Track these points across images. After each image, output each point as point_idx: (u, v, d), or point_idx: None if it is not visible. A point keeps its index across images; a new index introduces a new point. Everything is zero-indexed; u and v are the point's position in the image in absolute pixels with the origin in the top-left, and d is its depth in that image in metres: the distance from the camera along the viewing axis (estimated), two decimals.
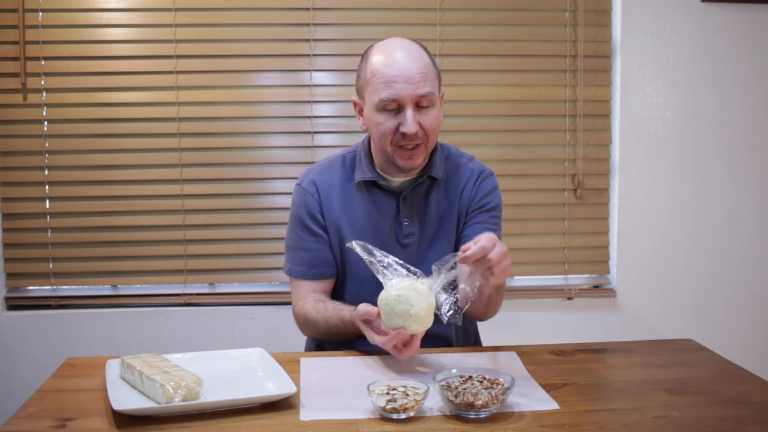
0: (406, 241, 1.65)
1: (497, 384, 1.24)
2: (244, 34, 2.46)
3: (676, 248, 2.60)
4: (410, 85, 1.51)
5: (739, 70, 2.56)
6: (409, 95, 1.52)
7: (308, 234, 1.67)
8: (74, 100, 2.44)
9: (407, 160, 1.57)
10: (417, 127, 1.53)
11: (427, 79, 1.53)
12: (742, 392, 1.31)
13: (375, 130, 1.58)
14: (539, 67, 2.54)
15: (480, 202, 1.68)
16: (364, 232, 1.65)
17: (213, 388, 1.28)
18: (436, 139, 1.62)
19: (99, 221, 2.47)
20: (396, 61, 1.53)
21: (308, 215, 1.67)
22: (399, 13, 2.50)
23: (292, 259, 1.70)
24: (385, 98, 1.53)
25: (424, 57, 1.57)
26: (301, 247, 1.68)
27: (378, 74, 1.54)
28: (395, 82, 1.52)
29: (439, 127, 1.60)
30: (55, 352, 2.45)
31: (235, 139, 2.49)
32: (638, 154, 2.56)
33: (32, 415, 1.22)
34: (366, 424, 1.17)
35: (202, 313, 2.51)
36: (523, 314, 2.56)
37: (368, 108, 1.59)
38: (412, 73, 1.52)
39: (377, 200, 1.66)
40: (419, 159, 1.58)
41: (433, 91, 1.55)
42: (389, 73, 1.52)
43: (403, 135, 1.53)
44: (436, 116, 1.57)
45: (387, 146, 1.57)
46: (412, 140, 1.54)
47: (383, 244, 1.64)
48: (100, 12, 2.41)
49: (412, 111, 1.53)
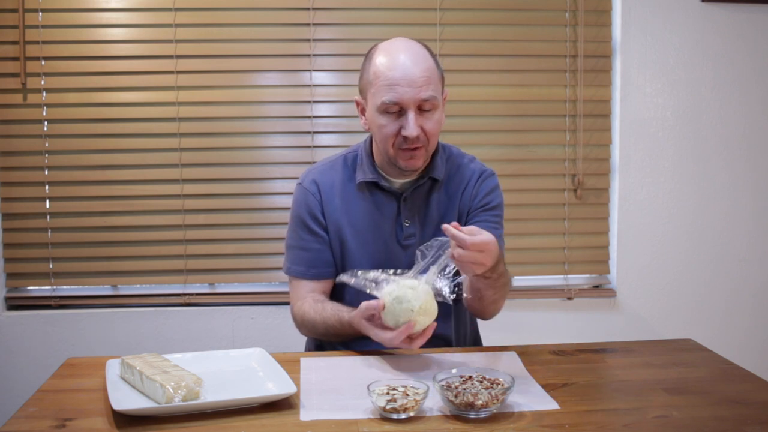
0: (406, 242, 1.65)
1: (497, 384, 1.24)
2: (244, 34, 2.46)
3: (676, 248, 2.60)
4: (413, 89, 1.51)
5: (739, 70, 2.56)
6: (412, 99, 1.51)
7: (308, 234, 1.67)
8: (74, 100, 2.44)
9: (408, 161, 1.57)
10: (418, 131, 1.53)
11: (430, 83, 1.53)
12: (742, 392, 1.31)
13: (377, 132, 1.58)
14: (539, 67, 2.54)
15: (481, 201, 1.68)
16: (365, 232, 1.65)
17: (213, 388, 1.28)
18: (437, 141, 1.62)
19: (99, 221, 2.47)
20: (399, 63, 1.52)
21: (309, 215, 1.67)
22: (399, 13, 2.50)
23: (292, 258, 1.70)
24: (387, 101, 1.52)
25: (428, 59, 1.56)
26: (301, 246, 1.68)
27: (381, 76, 1.53)
28: (398, 86, 1.51)
29: (440, 129, 1.59)
30: (55, 352, 2.45)
31: (235, 139, 2.49)
32: (638, 154, 2.56)
33: (32, 415, 1.22)
34: (366, 424, 1.17)
35: (202, 313, 2.51)
36: (523, 314, 2.56)
37: (370, 109, 1.58)
38: (416, 77, 1.51)
39: (378, 201, 1.66)
40: (420, 160, 1.58)
41: (436, 95, 1.54)
42: (392, 76, 1.52)
43: (404, 138, 1.53)
44: (438, 119, 1.57)
45: (389, 148, 1.57)
46: (413, 143, 1.54)
47: (384, 245, 1.64)
48: (100, 12, 2.41)
49: (414, 114, 1.52)
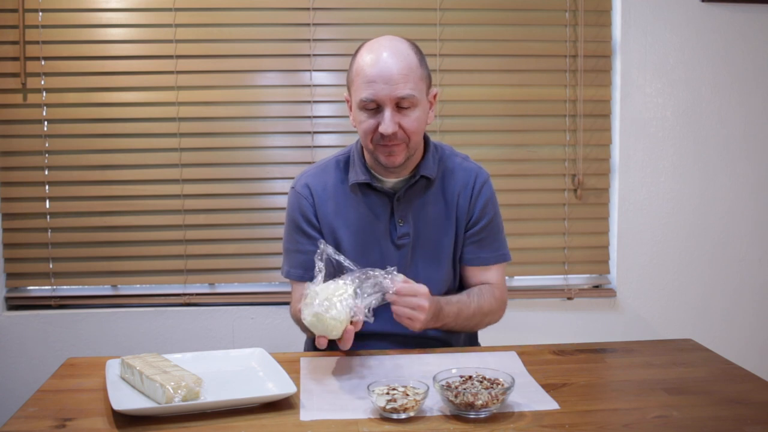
0: (400, 242, 1.65)
1: (497, 384, 1.24)
2: (244, 34, 2.46)
3: (676, 248, 2.60)
4: (389, 86, 1.52)
5: (739, 70, 2.56)
6: (388, 96, 1.53)
7: (303, 237, 1.68)
8: (74, 100, 2.44)
9: (388, 157, 1.58)
10: (395, 128, 1.54)
11: (408, 81, 1.53)
12: (742, 392, 1.31)
13: (358, 128, 1.60)
14: (539, 67, 2.54)
15: (479, 216, 1.68)
16: (359, 233, 1.65)
17: (213, 388, 1.28)
18: (420, 139, 1.63)
19: (99, 221, 2.47)
20: (380, 61, 1.54)
21: (303, 218, 1.68)
22: (399, 13, 2.50)
23: (289, 261, 1.72)
24: (364, 98, 1.54)
25: (411, 58, 1.56)
26: (296, 249, 1.69)
27: (361, 73, 1.55)
28: (375, 83, 1.53)
29: (422, 128, 1.60)
30: (55, 352, 2.45)
31: (235, 139, 2.49)
32: (638, 154, 2.56)
33: (32, 415, 1.22)
34: (366, 424, 1.17)
35: (202, 313, 2.51)
36: (523, 314, 2.56)
37: (354, 105, 1.61)
38: (393, 74, 1.52)
39: (371, 202, 1.66)
40: (399, 157, 1.58)
41: (415, 93, 1.54)
42: (370, 74, 1.53)
43: (381, 135, 1.54)
44: (418, 117, 1.57)
45: (368, 144, 1.59)
46: (390, 140, 1.55)
47: (378, 245, 1.65)
48: (100, 12, 2.41)
49: (392, 112, 1.53)
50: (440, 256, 1.67)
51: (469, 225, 1.69)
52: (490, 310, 1.67)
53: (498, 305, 1.69)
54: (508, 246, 1.75)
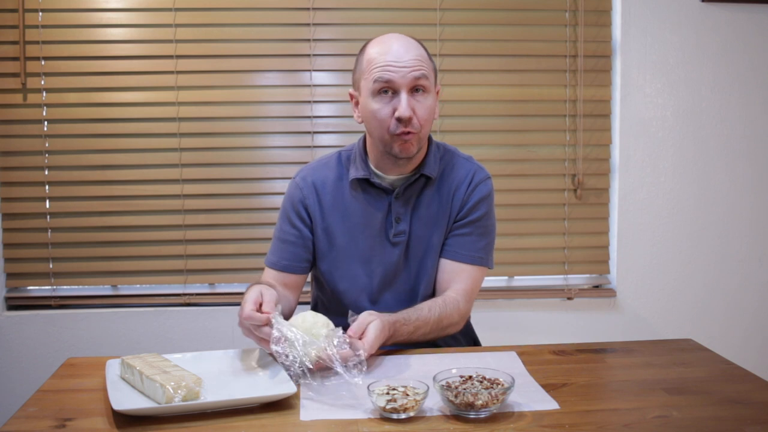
0: (396, 240, 1.65)
1: (497, 384, 1.24)
2: (244, 34, 2.46)
3: (676, 248, 2.60)
4: (405, 68, 1.54)
5: (739, 70, 2.56)
6: (404, 78, 1.54)
7: (289, 226, 1.70)
8: (74, 100, 2.44)
9: (403, 145, 1.57)
10: (411, 112, 1.54)
11: (422, 66, 1.55)
12: (742, 392, 1.31)
13: (371, 119, 1.59)
14: (539, 67, 2.54)
15: (469, 210, 1.67)
16: (356, 229, 1.66)
17: (213, 388, 1.28)
18: (429, 132, 1.63)
19: (99, 221, 2.47)
20: (392, 49, 1.56)
21: (292, 209, 1.69)
22: (399, 13, 2.50)
23: (272, 248, 1.74)
24: (380, 79, 1.54)
25: (420, 49, 1.59)
26: (280, 237, 1.72)
27: (373, 62, 1.56)
28: (390, 66, 1.54)
29: (432, 118, 1.60)
30: (55, 352, 2.45)
31: (235, 139, 2.49)
32: (638, 154, 2.56)
33: (32, 415, 1.22)
34: (366, 424, 1.17)
35: (202, 313, 2.51)
36: (523, 314, 2.56)
37: (364, 97, 1.60)
38: (407, 59, 1.54)
39: (370, 198, 1.66)
40: (414, 146, 1.58)
41: (428, 77, 1.57)
42: (385, 59, 1.55)
43: (398, 120, 1.54)
44: (430, 106, 1.58)
45: (384, 134, 1.57)
46: (407, 125, 1.54)
47: (373, 242, 1.65)
48: (100, 12, 2.41)
49: (407, 96, 1.54)
50: (433, 254, 1.66)
51: (458, 218, 1.67)
52: (450, 324, 1.61)
53: (459, 319, 1.63)
54: (493, 257, 1.70)
